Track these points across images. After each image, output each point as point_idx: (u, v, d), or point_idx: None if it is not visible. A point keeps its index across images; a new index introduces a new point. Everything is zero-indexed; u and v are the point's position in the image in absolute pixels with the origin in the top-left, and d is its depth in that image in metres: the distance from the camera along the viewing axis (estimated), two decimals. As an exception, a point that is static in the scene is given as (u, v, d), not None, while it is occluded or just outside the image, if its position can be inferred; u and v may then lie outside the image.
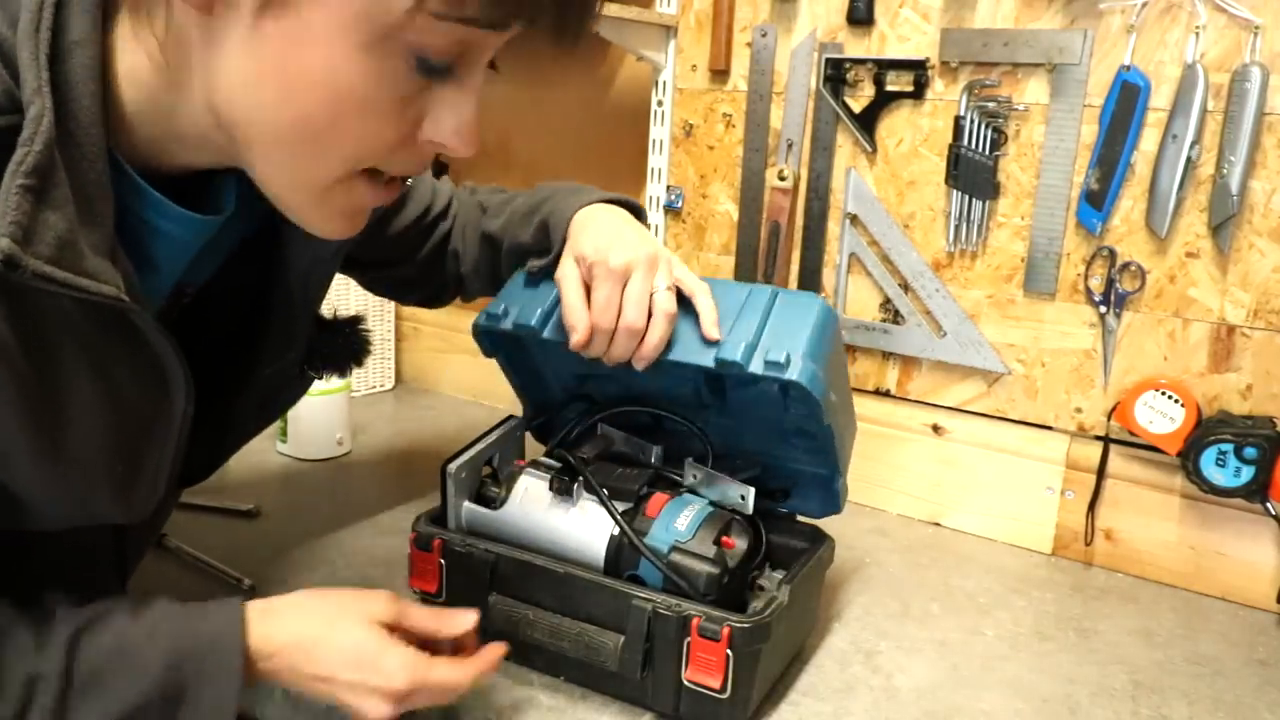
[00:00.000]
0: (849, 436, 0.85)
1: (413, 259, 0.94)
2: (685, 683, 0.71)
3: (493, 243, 0.91)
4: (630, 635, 0.72)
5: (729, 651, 0.69)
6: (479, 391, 1.51)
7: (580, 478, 0.79)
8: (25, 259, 0.47)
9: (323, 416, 1.24)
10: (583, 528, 0.78)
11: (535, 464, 0.84)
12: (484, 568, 0.77)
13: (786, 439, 0.85)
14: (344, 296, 1.44)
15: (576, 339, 0.75)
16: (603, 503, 0.77)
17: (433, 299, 1.02)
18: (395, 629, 0.66)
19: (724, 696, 0.70)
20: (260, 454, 1.24)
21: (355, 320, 0.87)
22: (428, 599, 0.80)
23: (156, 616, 0.60)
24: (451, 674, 0.66)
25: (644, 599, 0.72)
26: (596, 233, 0.78)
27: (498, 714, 0.74)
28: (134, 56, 0.54)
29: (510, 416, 0.90)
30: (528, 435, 0.93)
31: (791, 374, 0.72)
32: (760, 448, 0.87)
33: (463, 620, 0.70)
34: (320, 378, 0.85)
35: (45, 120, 0.48)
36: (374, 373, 1.54)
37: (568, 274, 0.77)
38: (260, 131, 0.54)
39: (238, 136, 0.54)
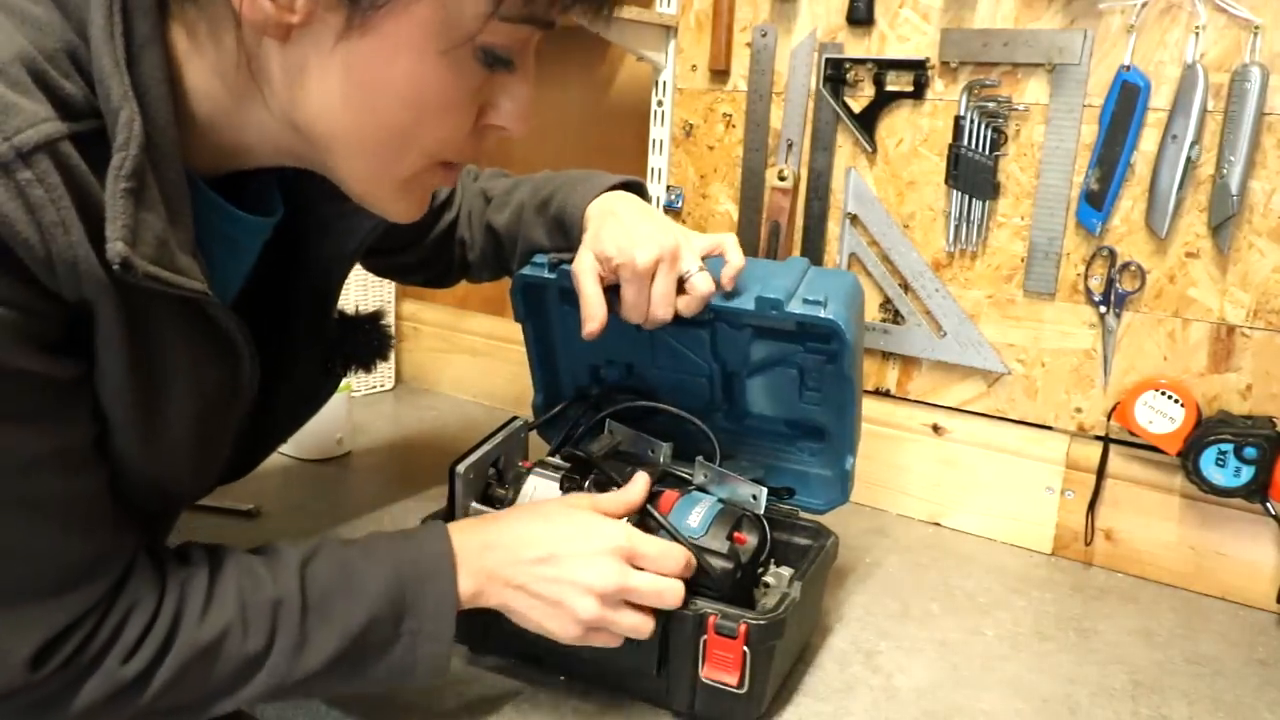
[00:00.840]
0: (859, 418, 0.86)
1: (420, 244, 0.95)
2: (702, 680, 0.71)
3: (498, 236, 0.91)
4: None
5: (745, 648, 0.69)
6: (479, 391, 1.51)
7: (590, 477, 0.79)
8: (136, 260, 0.49)
9: (323, 416, 1.22)
10: None
11: (542, 464, 0.84)
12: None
13: (794, 440, 0.85)
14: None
15: (591, 328, 0.77)
16: (655, 520, 0.76)
17: (437, 281, 1.02)
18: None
19: (741, 693, 0.70)
20: (260, 454, 1.24)
21: (376, 316, 0.88)
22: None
23: (369, 540, 0.67)
24: (675, 550, 0.70)
25: None
26: (616, 230, 0.78)
27: (511, 714, 0.74)
28: (198, 70, 0.56)
29: (515, 417, 0.90)
30: (532, 436, 0.93)
31: (829, 314, 0.77)
32: (766, 451, 0.87)
33: (639, 481, 0.75)
34: (345, 374, 0.85)
35: (136, 124, 0.50)
36: (374, 373, 1.54)
37: (585, 267, 0.78)
38: (347, 142, 0.57)
39: (319, 145, 0.57)
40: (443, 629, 0.64)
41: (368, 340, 0.86)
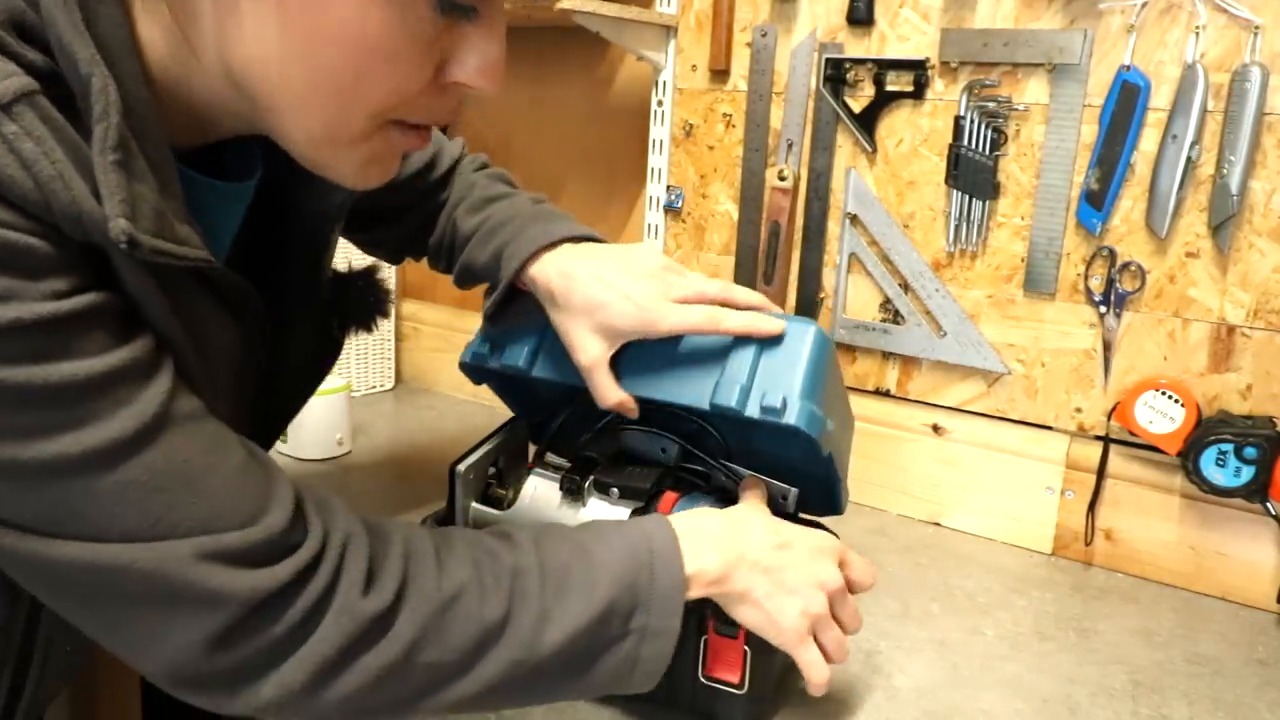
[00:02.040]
0: (847, 443, 0.85)
1: (403, 220, 0.89)
2: (703, 679, 0.71)
3: (454, 245, 0.87)
4: None
5: (746, 648, 0.69)
6: (479, 391, 1.51)
7: (591, 477, 0.79)
8: (140, 236, 0.46)
9: (323, 416, 1.24)
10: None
11: (544, 464, 0.83)
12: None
13: (775, 473, 0.84)
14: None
15: (627, 409, 0.75)
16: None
17: (394, 256, 0.95)
18: None
19: (742, 693, 0.70)
20: (260, 454, 1.24)
21: (370, 271, 0.81)
22: None
23: (593, 525, 0.64)
24: (866, 578, 0.70)
25: None
26: (605, 294, 0.72)
27: (507, 715, 0.74)
28: (147, 25, 0.51)
29: (515, 417, 0.90)
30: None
31: (789, 418, 0.70)
32: (762, 462, 0.86)
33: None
34: (344, 336, 0.80)
35: (112, 90, 0.46)
36: (374, 373, 1.54)
37: (593, 357, 0.73)
38: (284, 95, 0.51)
39: (260, 103, 0.52)
40: (671, 624, 0.60)
41: (363, 297, 0.79)
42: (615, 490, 0.78)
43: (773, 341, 0.72)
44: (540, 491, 0.81)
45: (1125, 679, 0.85)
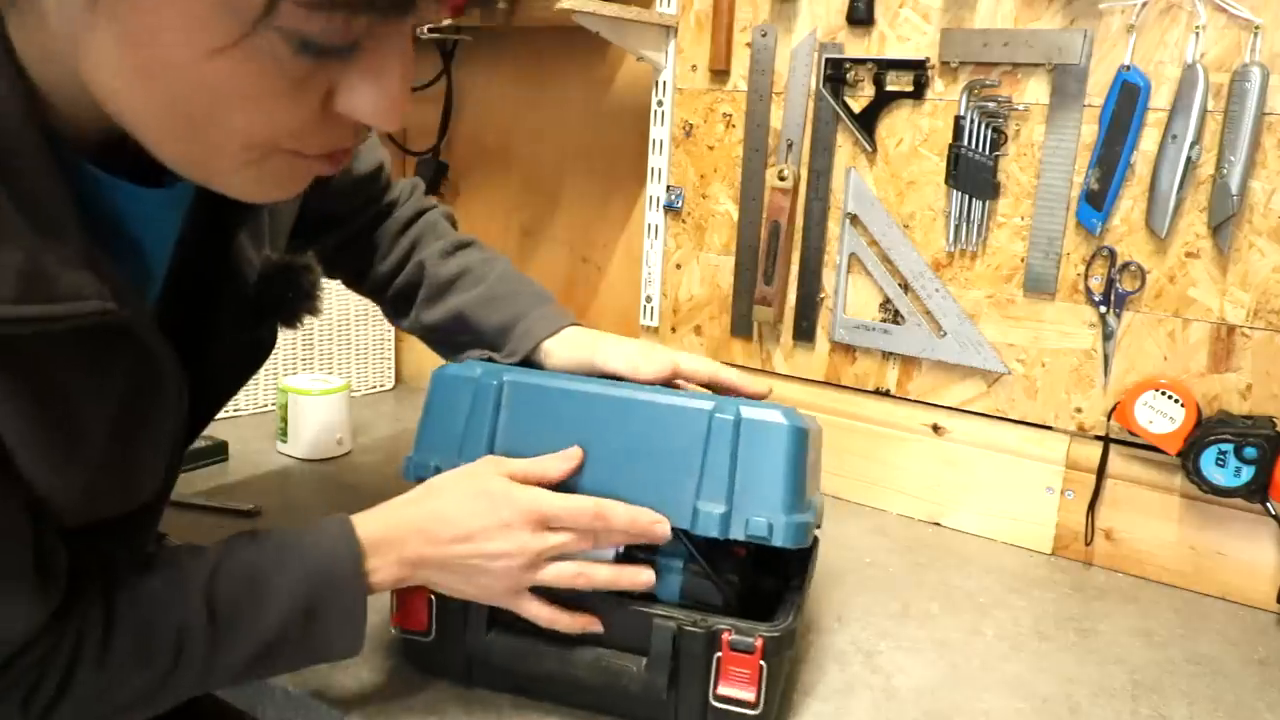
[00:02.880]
0: (819, 492, 0.83)
1: (343, 228, 0.92)
2: (713, 700, 0.69)
3: (422, 283, 0.91)
4: (655, 655, 0.69)
5: (762, 662, 0.67)
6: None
7: None
8: None
9: (323, 416, 1.24)
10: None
11: None
12: (480, 604, 0.71)
13: None
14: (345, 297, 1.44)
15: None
16: (686, 543, 0.73)
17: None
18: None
19: (757, 712, 0.68)
20: (260, 454, 1.24)
21: (292, 263, 0.75)
22: (415, 640, 0.75)
23: (277, 543, 0.64)
24: (582, 503, 0.68)
25: (666, 616, 0.69)
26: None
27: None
28: (28, 42, 0.47)
29: None
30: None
31: (777, 540, 0.69)
32: None
33: (565, 459, 0.71)
34: (271, 335, 0.76)
35: None
36: (374, 373, 1.54)
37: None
38: (142, 121, 0.46)
39: (125, 125, 0.47)
40: (354, 629, 0.64)
41: (285, 290, 0.74)
42: None
43: (747, 446, 0.70)
44: None
45: (1125, 679, 0.85)
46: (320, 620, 0.63)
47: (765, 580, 0.79)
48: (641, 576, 0.70)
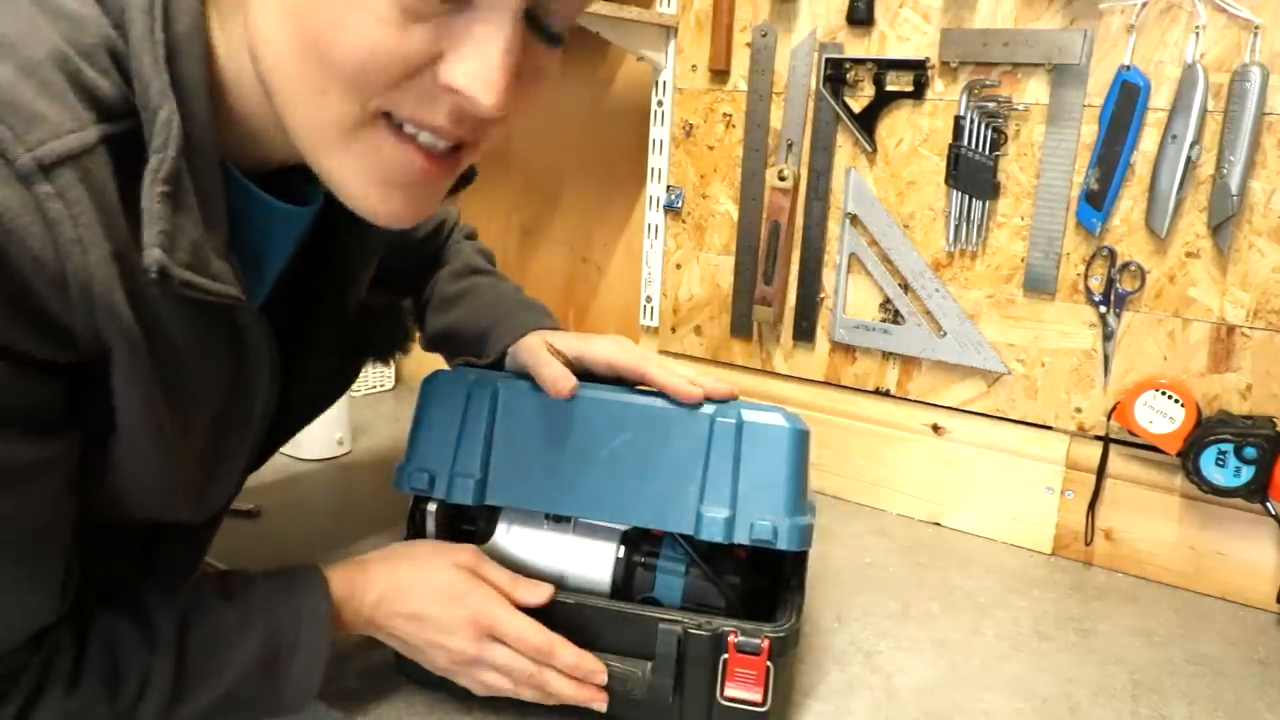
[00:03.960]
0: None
1: (401, 285, 0.92)
2: (720, 701, 0.68)
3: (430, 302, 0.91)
4: (660, 659, 0.68)
5: (769, 663, 0.67)
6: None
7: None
8: (173, 269, 0.48)
9: (323, 416, 1.23)
10: (582, 554, 0.75)
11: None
12: None
13: None
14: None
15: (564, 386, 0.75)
16: (686, 547, 0.73)
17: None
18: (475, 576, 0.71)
19: (765, 709, 0.68)
20: (260, 454, 1.24)
21: (394, 306, 0.84)
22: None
23: (248, 595, 0.65)
24: (534, 636, 0.68)
25: (672, 620, 0.69)
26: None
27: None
28: (230, 55, 0.53)
29: None
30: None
31: (782, 544, 0.69)
32: None
33: (538, 591, 0.71)
34: (360, 366, 0.82)
35: (175, 124, 0.49)
36: (374, 373, 1.54)
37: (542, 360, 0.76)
38: (276, 68, 0.50)
39: (270, 89, 0.51)
40: (312, 683, 0.65)
41: (387, 331, 0.82)
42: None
43: (750, 450, 0.70)
44: (519, 520, 0.77)
45: (1125, 679, 0.85)
46: (279, 677, 0.64)
47: (760, 580, 0.79)
48: (597, 701, 0.69)
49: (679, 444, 0.71)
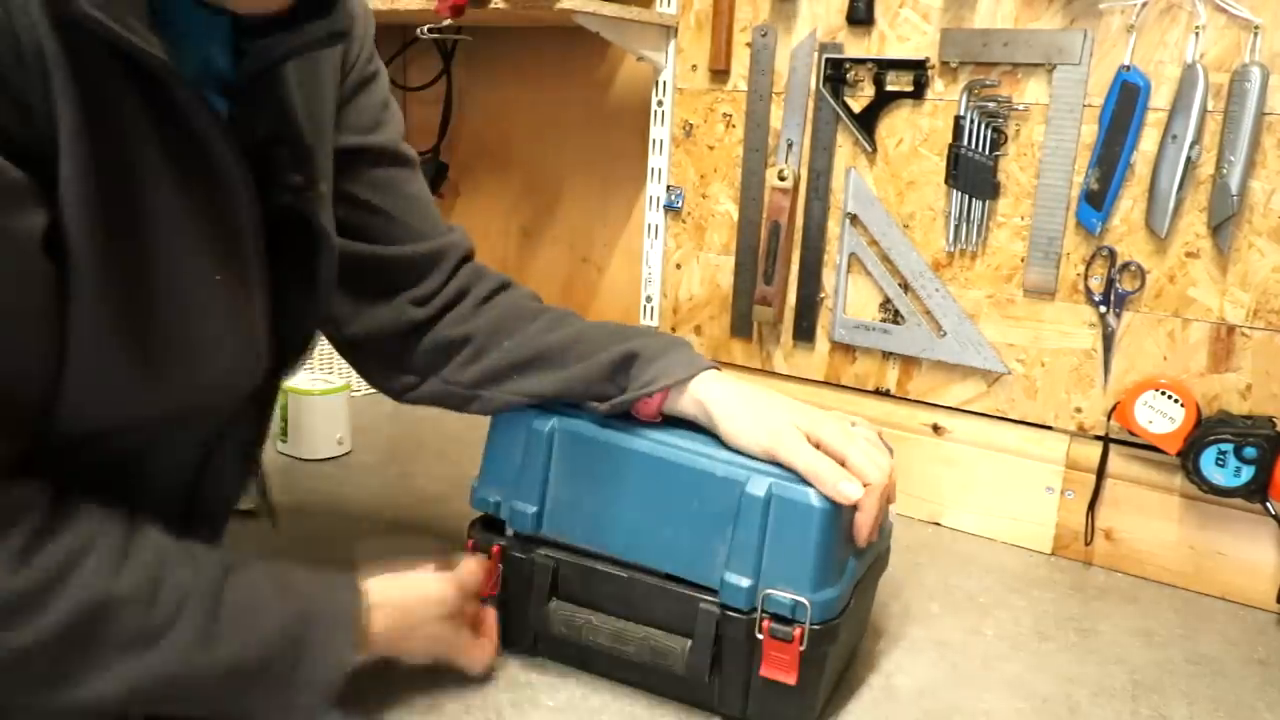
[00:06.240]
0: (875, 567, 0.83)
1: (387, 302, 0.82)
2: (756, 680, 0.71)
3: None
4: (699, 638, 0.72)
5: (801, 649, 0.69)
6: (479, 391, 1.51)
7: None
8: (93, 11, 0.48)
9: (323, 416, 1.23)
10: None
11: None
12: (545, 574, 0.77)
13: None
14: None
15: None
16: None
17: (349, 348, 0.86)
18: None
19: (795, 687, 0.70)
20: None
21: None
22: (484, 602, 0.79)
23: (290, 575, 0.65)
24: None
25: (712, 603, 0.71)
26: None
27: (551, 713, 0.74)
28: None
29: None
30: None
31: (801, 619, 0.69)
32: None
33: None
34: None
35: None
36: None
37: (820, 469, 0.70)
38: None
39: None
40: (331, 682, 0.63)
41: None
42: None
43: (777, 524, 0.70)
44: None
45: (1125, 679, 0.85)
46: (306, 663, 0.62)
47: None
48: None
49: (712, 505, 0.72)
